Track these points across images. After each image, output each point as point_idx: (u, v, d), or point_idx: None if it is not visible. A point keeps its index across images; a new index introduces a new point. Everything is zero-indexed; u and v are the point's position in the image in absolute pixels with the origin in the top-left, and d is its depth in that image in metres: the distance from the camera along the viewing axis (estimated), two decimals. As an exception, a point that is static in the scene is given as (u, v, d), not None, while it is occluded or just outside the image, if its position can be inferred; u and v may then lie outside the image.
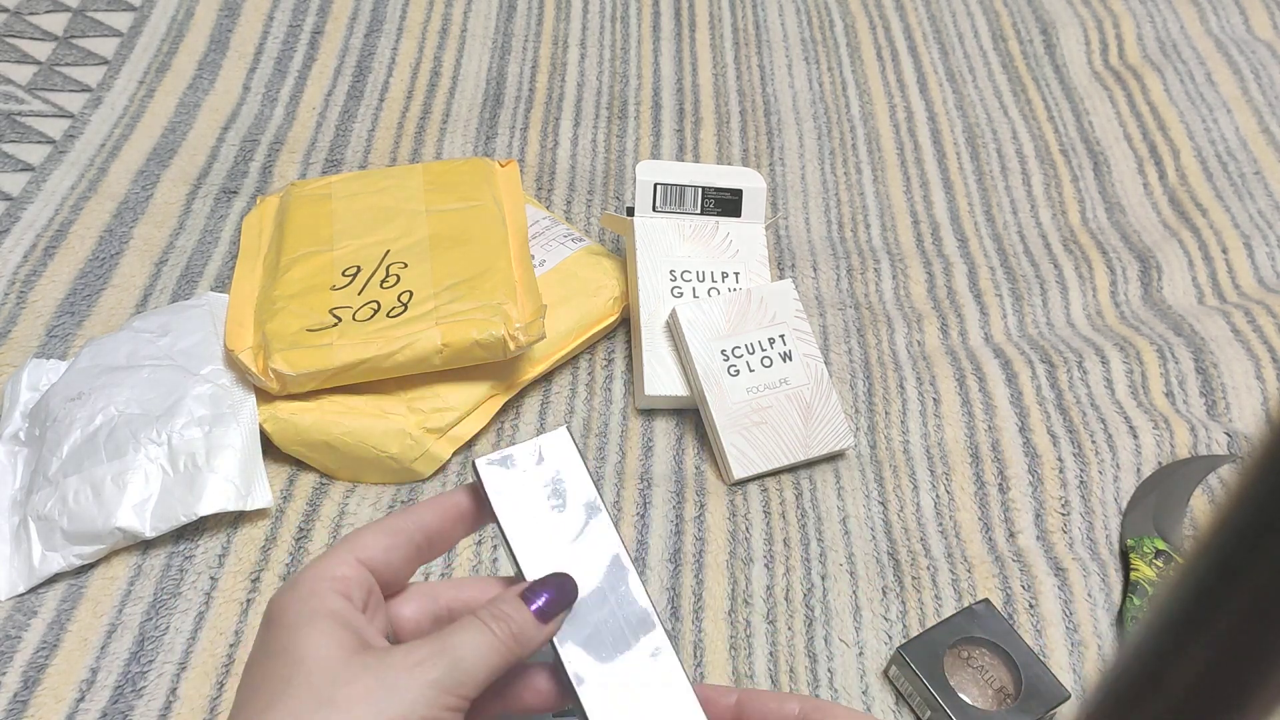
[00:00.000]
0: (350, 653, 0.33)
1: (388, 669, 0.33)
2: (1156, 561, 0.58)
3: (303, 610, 0.34)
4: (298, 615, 0.34)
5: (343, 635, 0.33)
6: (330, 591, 0.34)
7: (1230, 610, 0.13)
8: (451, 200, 0.68)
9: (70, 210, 0.72)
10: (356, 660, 0.33)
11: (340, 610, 0.34)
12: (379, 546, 0.37)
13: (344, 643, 0.33)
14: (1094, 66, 0.95)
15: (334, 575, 0.35)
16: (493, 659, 0.35)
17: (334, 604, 0.34)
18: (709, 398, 0.62)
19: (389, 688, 0.32)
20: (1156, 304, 0.75)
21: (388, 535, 0.37)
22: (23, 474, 0.58)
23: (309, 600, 0.34)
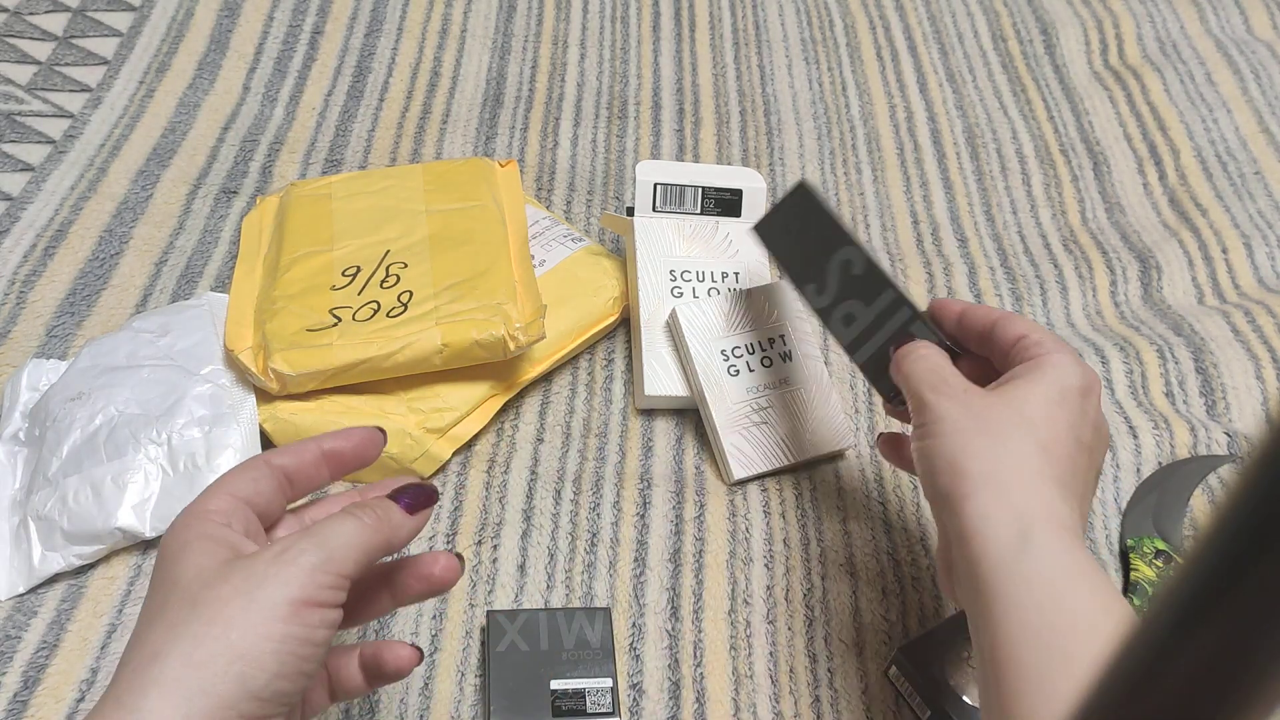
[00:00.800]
0: (222, 563, 0.34)
1: (256, 561, 0.34)
2: (1156, 561, 0.58)
3: (179, 540, 0.35)
4: (176, 546, 0.35)
5: (216, 549, 0.35)
6: (205, 520, 0.36)
7: (1230, 610, 0.13)
8: (451, 200, 0.68)
9: (70, 210, 0.72)
10: (227, 566, 0.34)
11: (213, 533, 0.35)
12: (246, 478, 0.38)
13: (217, 555, 0.35)
14: (1094, 66, 0.95)
15: (208, 509, 0.36)
16: (362, 538, 0.36)
17: (208, 529, 0.35)
18: (709, 398, 0.62)
19: (259, 577, 0.33)
20: (1156, 304, 0.75)
21: (252, 470, 0.38)
22: (23, 474, 0.58)
23: (183, 532, 0.35)
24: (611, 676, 0.51)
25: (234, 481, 0.38)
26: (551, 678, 0.50)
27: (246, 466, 0.38)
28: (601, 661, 0.51)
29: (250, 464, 0.39)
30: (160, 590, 0.35)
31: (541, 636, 0.52)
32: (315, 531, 0.35)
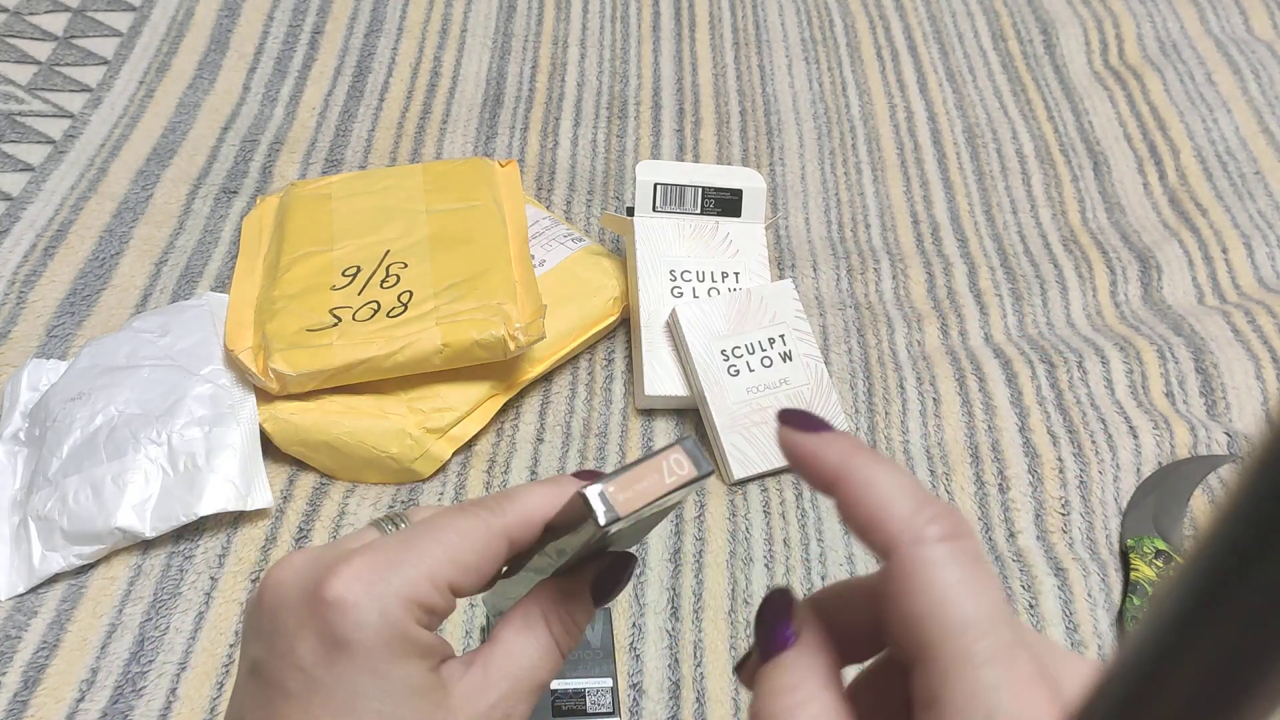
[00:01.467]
0: (431, 689, 0.27)
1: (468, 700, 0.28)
2: (1156, 561, 0.58)
3: (377, 645, 0.26)
4: (370, 648, 0.26)
5: (419, 668, 0.27)
6: (410, 621, 0.26)
7: (1231, 610, 0.13)
8: (451, 200, 0.68)
9: (70, 210, 0.72)
10: (438, 699, 0.27)
11: (416, 638, 0.26)
12: (473, 547, 0.28)
13: (421, 676, 0.27)
14: (1094, 66, 0.95)
15: (416, 597, 0.26)
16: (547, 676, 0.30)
17: (410, 631, 0.26)
18: (709, 398, 0.62)
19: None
20: (1156, 304, 0.75)
21: (480, 534, 0.28)
22: (23, 474, 0.58)
23: (383, 629, 0.26)
24: (611, 676, 0.51)
25: (456, 552, 0.27)
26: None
27: (473, 526, 0.28)
28: (601, 661, 0.51)
29: (477, 523, 0.28)
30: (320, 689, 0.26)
31: None
32: (510, 674, 0.28)
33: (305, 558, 0.27)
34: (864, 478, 0.24)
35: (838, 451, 0.24)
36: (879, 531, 0.23)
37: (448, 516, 0.28)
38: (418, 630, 0.26)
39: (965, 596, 0.21)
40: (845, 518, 0.24)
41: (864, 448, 0.24)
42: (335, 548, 0.28)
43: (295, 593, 0.26)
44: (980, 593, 0.21)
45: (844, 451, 0.24)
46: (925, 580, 0.22)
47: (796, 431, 0.25)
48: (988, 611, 0.21)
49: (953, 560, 0.22)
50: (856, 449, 0.24)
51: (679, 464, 0.28)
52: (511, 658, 0.28)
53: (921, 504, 0.23)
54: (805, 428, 0.25)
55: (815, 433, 0.25)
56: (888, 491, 0.23)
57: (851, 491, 0.24)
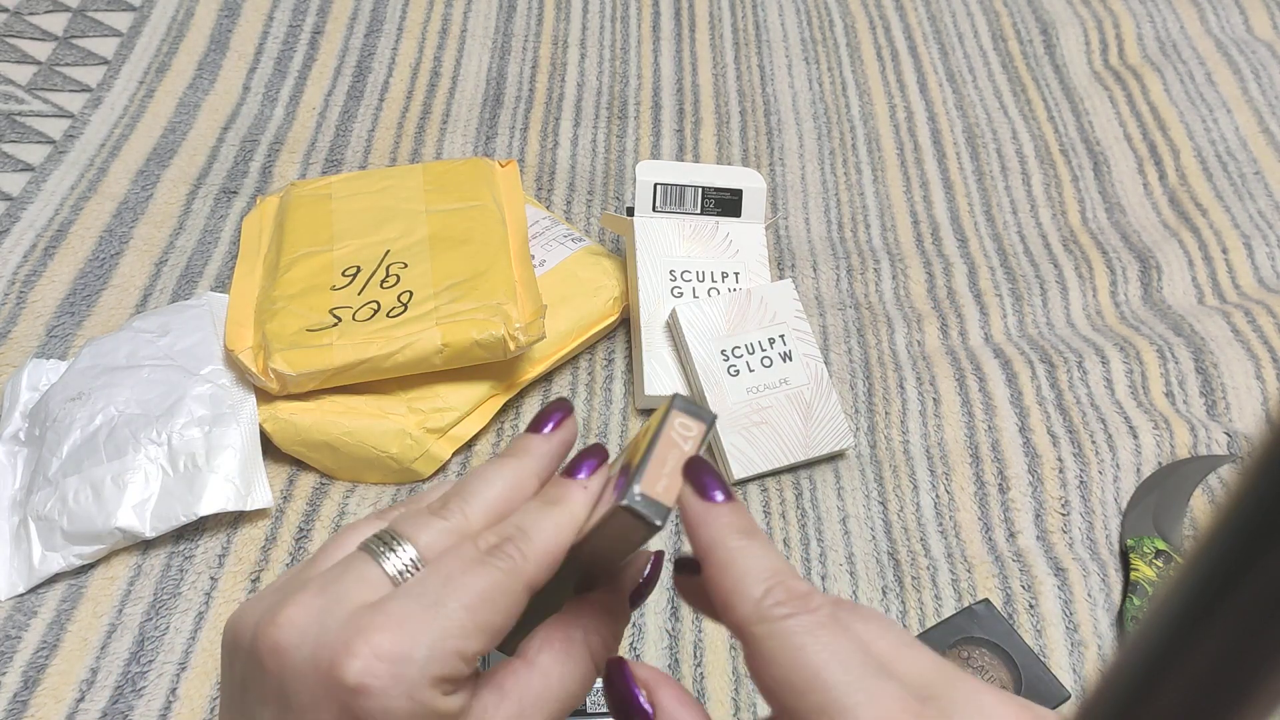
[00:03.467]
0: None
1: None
2: (1156, 561, 0.58)
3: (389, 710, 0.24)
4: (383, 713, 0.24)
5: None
6: (437, 696, 0.25)
7: (1231, 610, 0.13)
8: (451, 200, 0.68)
9: (70, 210, 0.72)
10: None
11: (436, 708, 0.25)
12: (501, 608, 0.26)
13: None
14: (1094, 66, 0.95)
15: (443, 674, 0.25)
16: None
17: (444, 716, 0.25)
18: (709, 398, 0.62)
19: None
20: (1156, 304, 0.75)
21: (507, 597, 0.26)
22: (23, 474, 0.58)
23: (411, 713, 0.24)
24: (611, 676, 0.51)
25: (479, 611, 0.25)
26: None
27: (495, 586, 0.26)
28: (601, 661, 0.51)
29: (499, 580, 0.26)
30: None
31: None
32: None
33: (307, 617, 0.25)
34: (724, 559, 0.26)
35: (712, 530, 0.26)
36: (730, 615, 0.25)
37: (468, 575, 0.26)
38: (445, 702, 0.25)
39: (811, 661, 0.23)
40: (711, 594, 0.26)
41: (739, 528, 0.26)
42: (337, 602, 0.25)
43: (307, 665, 0.24)
44: (827, 655, 0.23)
45: (719, 531, 0.26)
46: (769, 655, 0.24)
47: (692, 495, 0.27)
48: (835, 674, 0.23)
49: (792, 633, 0.24)
50: (730, 530, 0.26)
51: (685, 426, 0.28)
52: (550, 687, 0.27)
53: (772, 587, 0.25)
54: (702, 493, 0.27)
55: (706, 501, 0.27)
56: (742, 575, 0.25)
57: (712, 573, 0.26)
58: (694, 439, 0.28)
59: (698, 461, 0.27)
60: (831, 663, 0.23)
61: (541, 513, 0.28)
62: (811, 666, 0.23)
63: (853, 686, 0.23)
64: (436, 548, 0.27)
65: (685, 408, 0.28)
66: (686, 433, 0.28)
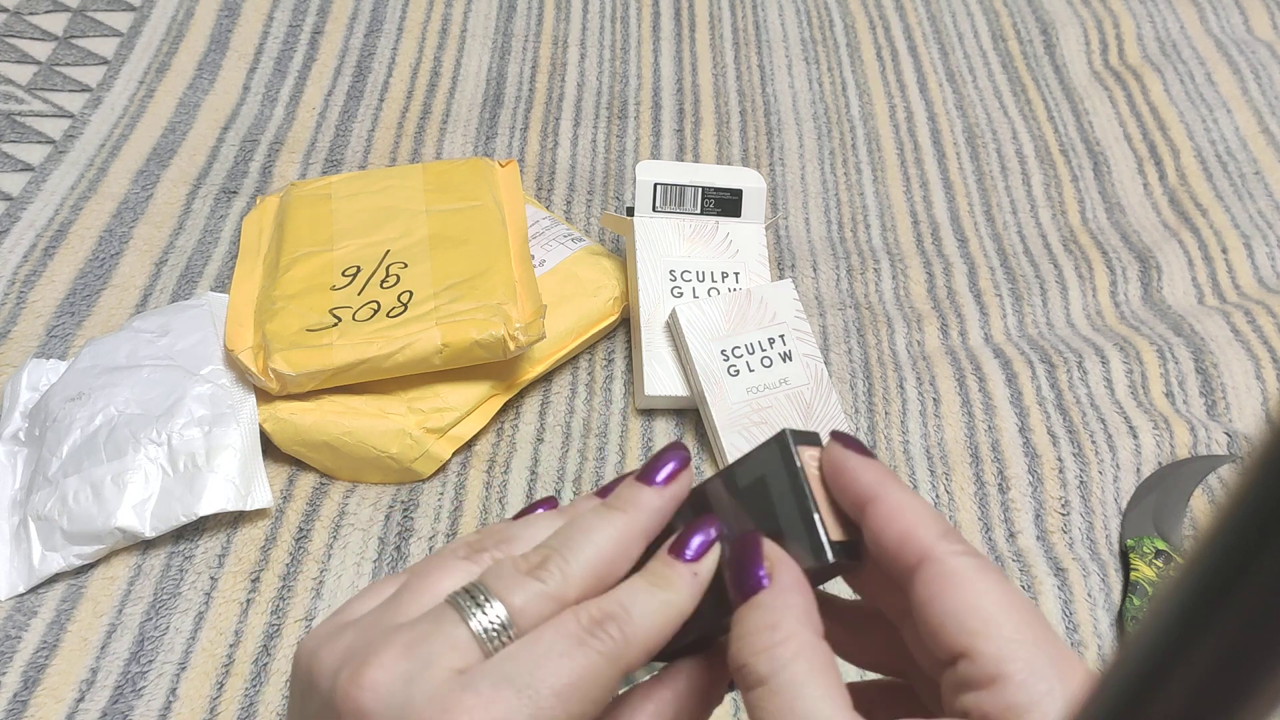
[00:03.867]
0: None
1: None
2: (1156, 561, 0.58)
3: None
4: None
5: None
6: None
7: (1231, 610, 0.13)
8: (451, 200, 0.68)
9: (70, 210, 0.72)
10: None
11: None
12: (589, 705, 0.25)
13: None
14: (1094, 66, 0.95)
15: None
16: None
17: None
18: (709, 398, 0.62)
19: None
20: (1156, 304, 0.75)
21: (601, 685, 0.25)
22: (23, 474, 0.58)
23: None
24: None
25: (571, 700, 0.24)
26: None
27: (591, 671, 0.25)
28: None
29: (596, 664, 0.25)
30: None
31: None
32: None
33: (393, 682, 0.24)
34: (898, 500, 0.26)
35: (876, 475, 0.27)
36: (912, 545, 0.26)
37: (562, 657, 0.24)
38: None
39: (1003, 598, 0.25)
40: (876, 534, 0.26)
41: (897, 477, 0.27)
42: (424, 659, 0.24)
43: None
44: (1013, 597, 0.25)
45: (882, 476, 0.27)
46: (963, 581, 0.25)
47: (846, 450, 0.28)
48: (1023, 614, 0.25)
49: (982, 570, 0.25)
50: (892, 476, 0.27)
51: (813, 457, 0.28)
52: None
53: (947, 530, 0.26)
54: (855, 450, 0.28)
55: (861, 455, 0.28)
56: (919, 516, 0.26)
57: (885, 510, 0.26)
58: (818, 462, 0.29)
59: (841, 434, 0.29)
60: (1010, 611, 0.24)
61: (649, 595, 0.26)
62: (997, 606, 0.24)
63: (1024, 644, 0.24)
64: (530, 614, 0.25)
65: (803, 439, 0.28)
66: (814, 462, 0.28)
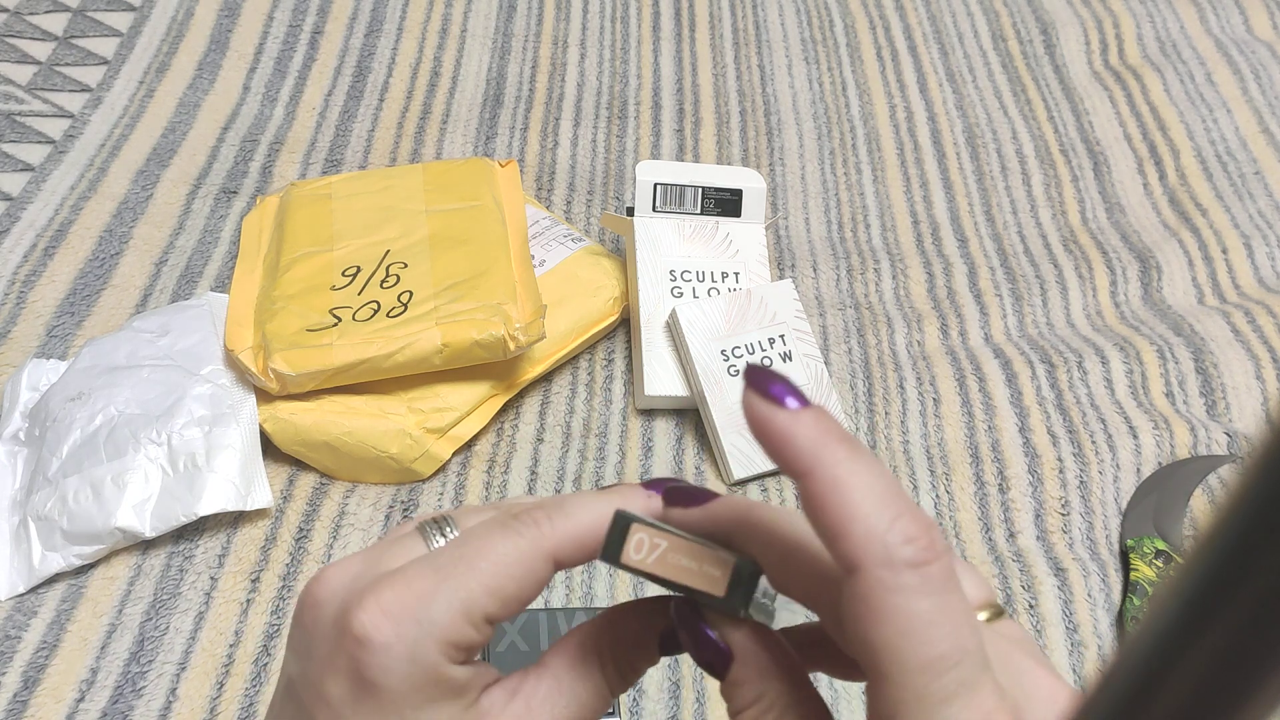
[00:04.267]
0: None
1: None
2: (1156, 561, 0.58)
3: (406, 690, 0.24)
4: (399, 693, 0.24)
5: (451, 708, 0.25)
6: (443, 661, 0.24)
7: (1231, 610, 0.13)
8: (451, 200, 0.68)
9: (70, 210, 0.72)
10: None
11: (448, 677, 0.24)
12: (512, 582, 0.25)
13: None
14: (1094, 66, 0.95)
15: (449, 637, 0.24)
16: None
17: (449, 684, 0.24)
18: (709, 398, 0.62)
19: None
20: (1156, 304, 0.75)
21: (525, 564, 0.25)
22: (23, 474, 0.58)
23: (413, 673, 0.24)
24: (611, 676, 0.51)
25: (495, 579, 0.25)
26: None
27: (514, 551, 0.25)
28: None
29: (519, 545, 0.25)
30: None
31: (542, 637, 0.52)
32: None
33: (342, 576, 0.25)
34: (834, 475, 0.21)
35: (810, 437, 0.21)
36: (845, 543, 0.20)
37: (487, 538, 0.25)
38: (451, 670, 0.24)
39: (931, 630, 0.20)
40: (810, 517, 0.21)
41: (837, 433, 0.21)
42: (374, 563, 0.26)
43: (328, 618, 0.25)
44: (947, 625, 0.20)
45: (816, 438, 0.21)
46: (890, 610, 0.20)
47: (764, 401, 0.22)
48: (952, 645, 0.20)
49: (922, 590, 0.20)
50: (828, 435, 0.21)
51: (714, 577, 0.24)
52: (559, 694, 0.26)
53: (896, 515, 0.20)
54: (776, 397, 0.22)
55: (786, 407, 0.21)
56: (859, 496, 0.20)
57: (819, 489, 0.21)
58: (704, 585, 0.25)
59: (757, 369, 0.22)
60: (949, 638, 0.20)
61: (590, 496, 0.26)
62: (927, 641, 0.20)
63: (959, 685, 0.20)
64: None
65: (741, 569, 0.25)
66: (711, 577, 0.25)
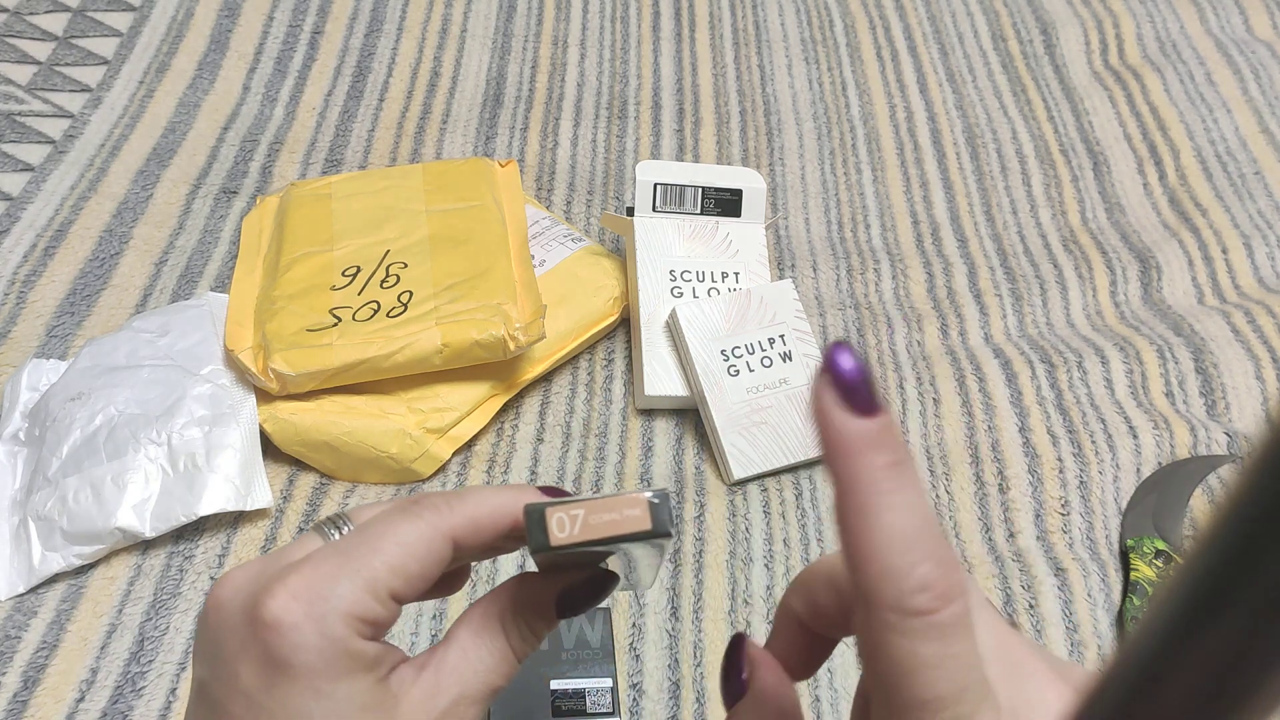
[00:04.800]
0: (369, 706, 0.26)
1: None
2: (1156, 561, 0.58)
3: (319, 665, 0.25)
4: (312, 669, 0.25)
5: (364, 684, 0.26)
6: (352, 637, 0.25)
7: (1230, 610, 0.13)
8: (451, 200, 0.68)
9: (70, 210, 0.72)
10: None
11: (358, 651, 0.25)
12: (414, 561, 0.26)
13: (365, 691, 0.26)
14: (1094, 66, 0.95)
15: (357, 613, 0.25)
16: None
17: (352, 644, 0.25)
18: (709, 398, 0.62)
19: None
20: (1156, 304, 0.75)
21: (425, 544, 0.27)
22: (23, 474, 0.58)
23: (324, 649, 0.25)
24: (611, 676, 0.51)
25: (396, 558, 0.26)
26: (551, 677, 0.50)
27: (414, 532, 0.27)
28: (601, 661, 0.51)
29: (419, 527, 0.27)
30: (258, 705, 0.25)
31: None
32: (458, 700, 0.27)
33: (246, 574, 0.26)
34: (866, 503, 0.20)
35: (857, 452, 0.20)
36: (861, 576, 0.20)
37: (388, 522, 0.27)
38: (361, 645, 0.25)
39: (932, 673, 0.20)
40: (838, 531, 0.21)
41: (887, 454, 0.20)
42: (275, 561, 0.27)
43: (236, 613, 0.25)
44: (949, 669, 0.20)
45: (863, 455, 0.20)
46: (893, 649, 0.20)
47: (829, 394, 0.20)
48: (951, 688, 0.20)
49: (928, 636, 0.20)
50: (876, 454, 0.20)
51: (635, 516, 0.27)
52: (466, 662, 0.28)
53: (917, 560, 0.20)
54: (847, 393, 0.20)
55: (849, 408, 0.20)
56: (885, 535, 0.20)
57: (849, 514, 0.21)
58: (631, 528, 0.27)
59: (841, 351, 0.20)
60: (948, 681, 0.20)
61: (486, 488, 0.29)
62: (927, 683, 0.20)
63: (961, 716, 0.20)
64: None
65: (656, 504, 0.27)
66: (633, 518, 0.27)
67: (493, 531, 0.28)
